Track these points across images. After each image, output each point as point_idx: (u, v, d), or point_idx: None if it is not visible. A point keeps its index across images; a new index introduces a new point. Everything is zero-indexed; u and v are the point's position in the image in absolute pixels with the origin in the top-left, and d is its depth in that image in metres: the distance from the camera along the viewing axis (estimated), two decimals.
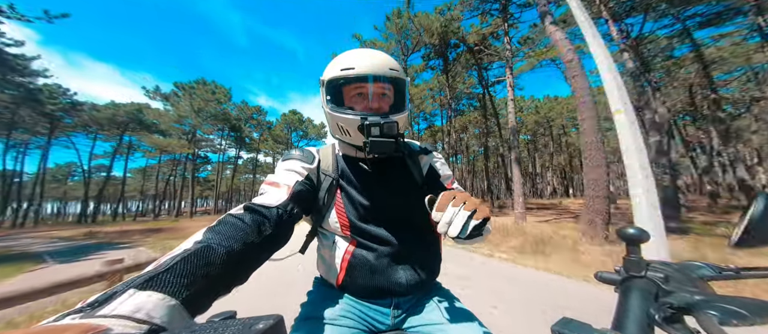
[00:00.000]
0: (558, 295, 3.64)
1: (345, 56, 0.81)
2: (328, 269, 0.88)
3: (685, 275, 0.49)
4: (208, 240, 0.51)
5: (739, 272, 0.51)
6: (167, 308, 0.36)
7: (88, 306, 0.34)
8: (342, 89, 0.82)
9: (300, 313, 0.85)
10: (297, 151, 0.89)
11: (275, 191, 0.74)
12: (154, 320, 0.34)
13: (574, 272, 4.63)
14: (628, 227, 0.53)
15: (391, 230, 0.85)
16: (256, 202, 0.68)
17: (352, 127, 0.78)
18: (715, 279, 0.51)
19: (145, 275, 0.40)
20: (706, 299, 0.37)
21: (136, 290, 0.36)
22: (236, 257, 0.52)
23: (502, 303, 3.35)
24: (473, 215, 0.57)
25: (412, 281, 0.84)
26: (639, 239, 0.52)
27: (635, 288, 0.48)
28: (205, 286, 0.45)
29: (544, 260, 5.61)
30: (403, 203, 0.88)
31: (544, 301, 3.42)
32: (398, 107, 0.84)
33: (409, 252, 0.85)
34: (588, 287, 3.86)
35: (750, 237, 0.48)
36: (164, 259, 0.45)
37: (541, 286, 4.04)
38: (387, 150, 0.74)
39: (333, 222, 0.85)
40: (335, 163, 0.89)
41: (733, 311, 0.33)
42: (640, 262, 0.51)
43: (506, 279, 4.41)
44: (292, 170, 0.82)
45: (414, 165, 0.94)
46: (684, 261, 0.54)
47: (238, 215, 0.61)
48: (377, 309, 0.85)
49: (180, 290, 0.40)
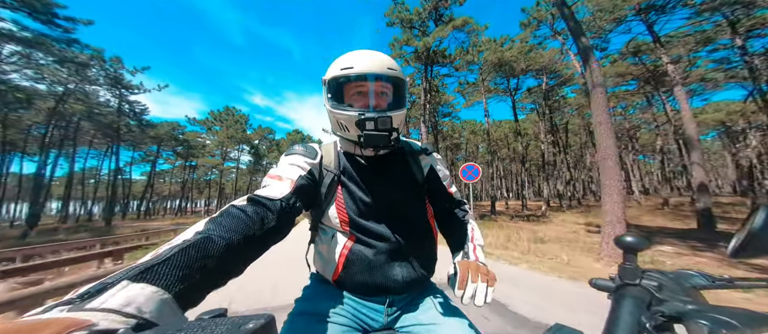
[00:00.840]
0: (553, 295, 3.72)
1: (346, 57, 0.85)
2: (325, 264, 0.89)
3: (679, 284, 0.49)
4: (209, 231, 0.51)
5: (732, 281, 0.50)
6: (159, 302, 0.35)
7: (79, 298, 0.32)
8: (342, 88, 0.84)
9: (294, 308, 0.86)
10: (300, 146, 0.91)
11: (278, 184, 0.75)
12: (143, 315, 0.33)
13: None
14: (626, 235, 0.53)
15: (389, 227, 0.86)
16: (260, 194, 0.69)
17: (350, 123, 0.80)
18: (708, 288, 0.50)
19: (141, 266, 0.39)
20: (697, 308, 0.38)
21: (129, 282, 0.35)
22: (236, 250, 0.52)
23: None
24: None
25: (408, 279, 0.84)
26: (636, 248, 0.52)
27: (629, 296, 0.47)
28: (201, 279, 0.44)
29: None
30: (402, 200, 0.89)
31: (544, 301, 3.47)
32: (396, 105, 0.86)
33: (406, 250, 0.86)
34: (583, 289, 3.90)
35: (748, 248, 0.48)
36: (163, 249, 0.44)
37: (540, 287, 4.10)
38: (380, 143, 0.77)
39: (333, 217, 0.86)
40: (337, 160, 0.91)
41: (723, 321, 0.34)
42: (635, 270, 0.51)
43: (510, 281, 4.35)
44: (295, 165, 0.83)
45: (415, 164, 0.96)
46: (678, 270, 0.53)
47: (241, 206, 0.62)
48: (371, 307, 0.85)
49: (174, 283, 0.40)
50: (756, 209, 0.48)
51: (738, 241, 0.49)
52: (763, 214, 0.47)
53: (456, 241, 0.93)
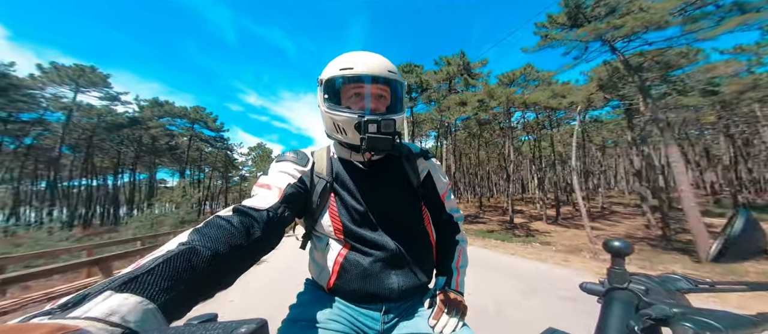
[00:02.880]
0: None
1: (345, 57, 0.82)
2: (319, 271, 0.88)
3: (665, 288, 0.51)
4: (193, 242, 0.50)
5: (713, 285, 0.52)
6: (143, 312, 0.34)
7: (59, 308, 0.32)
8: (340, 89, 0.82)
9: (288, 314, 0.84)
10: (291, 153, 0.88)
11: (266, 193, 0.74)
12: (128, 324, 0.32)
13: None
14: (614, 240, 0.54)
15: (385, 235, 0.84)
16: (246, 204, 0.67)
17: (349, 125, 0.78)
18: (692, 292, 0.52)
19: (124, 276, 0.38)
20: (682, 311, 0.39)
21: (112, 292, 0.34)
22: (222, 261, 0.51)
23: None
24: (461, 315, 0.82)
25: (404, 287, 0.83)
26: (624, 252, 0.53)
27: (617, 300, 0.49)
28: (187, 290, 0.43)
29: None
30: (398, 206, 0.87)
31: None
32: (395, 108, 0.84)
33: (402, 257, 0.84)
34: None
35: (727, 253, 0.49)
36: (145, 260, 0.43)
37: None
38: (384, 147, 0.73)
39: (326, 225, 0.84)
40: (329, 166, 0.89)
41: (706, 323, 0.35)
42: (623, 274, 0.52)
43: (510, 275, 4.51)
44: (284, 172, 0.81)
45: (411, 167, 0.93)
46: (664, 274, 0.55)
47: (226, 217, 0.60)
48: (367, 314, 0.83)
49: (159, 294, 0.39)
50: (735, 215, 0.50)
51: (718, 246, 0.51)
52: (742, 219, 0.48)
53: (442, 260, 0.95)
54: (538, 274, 5.09)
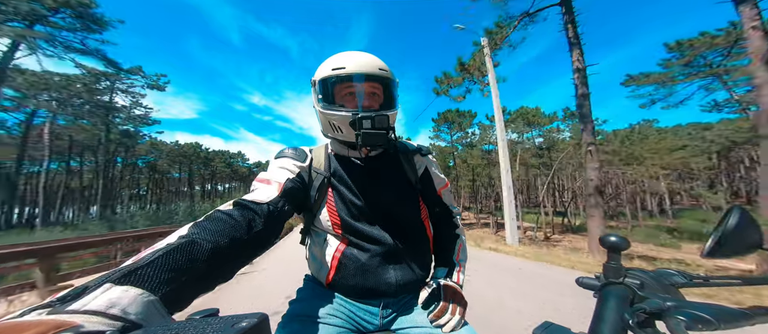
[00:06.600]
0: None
1: (336, 57, 0.83)
2: (318, 267, 0.88)
3: (659, 283, 0.51)
4: (193, 235, 0.50)
5: (707, 279, 0.52)
6: (144, 304, 0.34)
7: (58, 301, 0.31)
8: (333, 88, 0.83)
9: (288, 310, 0.85)
10: (290, 149, 0.90)
11: (266, 188, 0.75)
12: (129, 317, 0.31)
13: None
14: (610, 235, 0.54)
15: (383, 230, 0.85)
16: (247, 198, 0.68)
17: (344, 123, 0.79)
18: (686, 286, 0.52)
19: (123, 269, 0.38)
20: (676, 305, 0.39)
21: (112, 285, 0.34)
22: (222, 254, 0.51)
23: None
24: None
25: (403, 282, 0.84)
26: (620, 247, 0.53)
27: (612, 294, 0.49)
28: (188, 282, 0.44)
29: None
30: (395, 201, 0.88)
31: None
32: (388, 105, 0.86)
33: (400, 252, 0.85)
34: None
35: (721, 248, 0.50)
36: (145, 253, 0.43)
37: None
38: (379, 142, 0.75)
39: (324, 220, 0.85)
40: (327, 162, 0.90)
41: (699, 316, 0.35)
42: (619, 269, 0.52)
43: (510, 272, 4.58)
44: (283, 168, 0.82)
45: (408, 164, 0.94)
46: (659, 269, 0.56)
47: (227, 211, 0.61)
48: (366, 309, 0.84)
49: (160, 286, 0.39)
50: (730, 210, 0.51)
51: (712, 242, 0.51)
52: (737, 215, 0.49)
53: (441, 253, 0.95)
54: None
